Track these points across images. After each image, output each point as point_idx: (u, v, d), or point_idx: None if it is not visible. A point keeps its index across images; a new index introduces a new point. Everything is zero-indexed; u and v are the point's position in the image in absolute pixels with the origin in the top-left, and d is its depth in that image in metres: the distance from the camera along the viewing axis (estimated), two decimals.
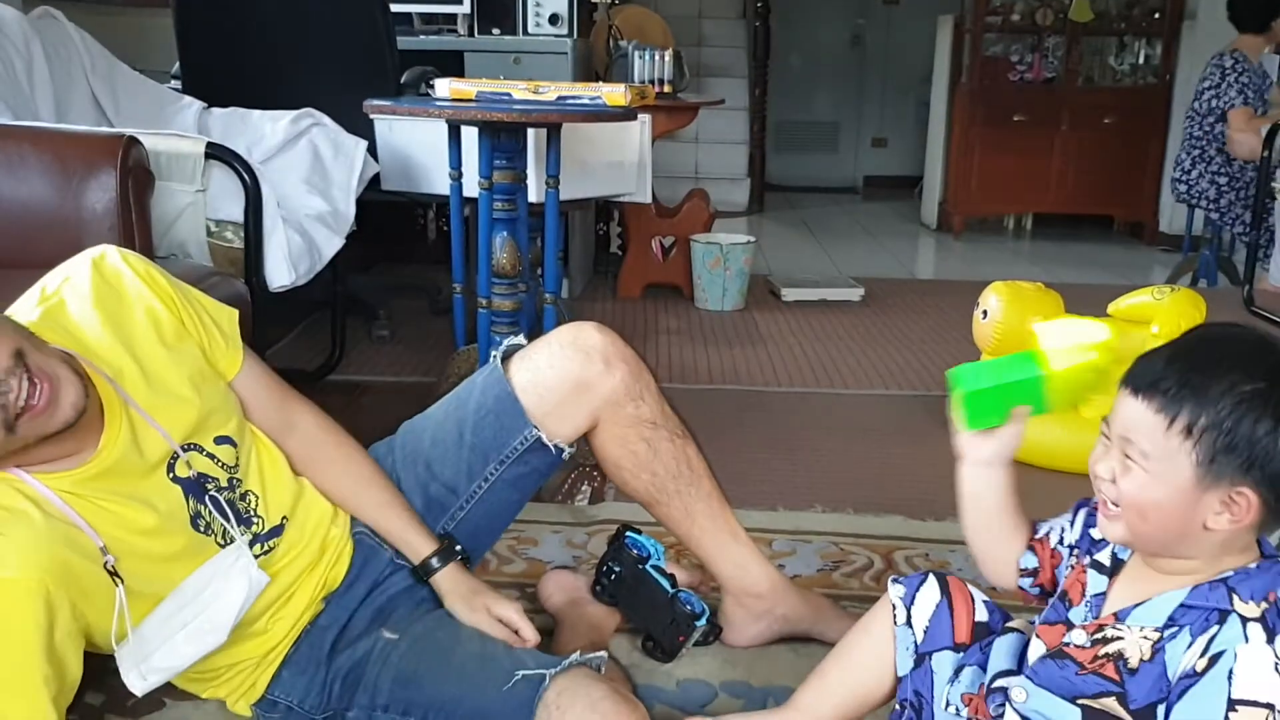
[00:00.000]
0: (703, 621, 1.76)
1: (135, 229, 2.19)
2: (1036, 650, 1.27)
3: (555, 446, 1.68)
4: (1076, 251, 6.02)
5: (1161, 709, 1.13)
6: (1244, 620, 1.10)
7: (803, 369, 3.57)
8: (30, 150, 2.20)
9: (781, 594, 1.81)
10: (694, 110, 4.36)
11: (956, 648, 1.36)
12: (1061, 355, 1.30)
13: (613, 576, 1.80)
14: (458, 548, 1.65)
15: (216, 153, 2.46)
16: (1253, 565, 1.14)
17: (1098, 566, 1.26)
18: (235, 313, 1.57)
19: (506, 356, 1.72)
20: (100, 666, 1.37)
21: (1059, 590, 1.30)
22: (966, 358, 3.34)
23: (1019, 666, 1.29)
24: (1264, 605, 1.11)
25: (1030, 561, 1.36)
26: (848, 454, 2.80)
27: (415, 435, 1.74)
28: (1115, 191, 6.33)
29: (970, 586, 1.40)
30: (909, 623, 1.39)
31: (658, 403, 1.74)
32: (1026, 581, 1.36)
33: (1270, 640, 1.09)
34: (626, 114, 2.56)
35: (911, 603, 1.39)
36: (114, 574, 1.32)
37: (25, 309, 1.39)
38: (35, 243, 2.15)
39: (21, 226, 2.20)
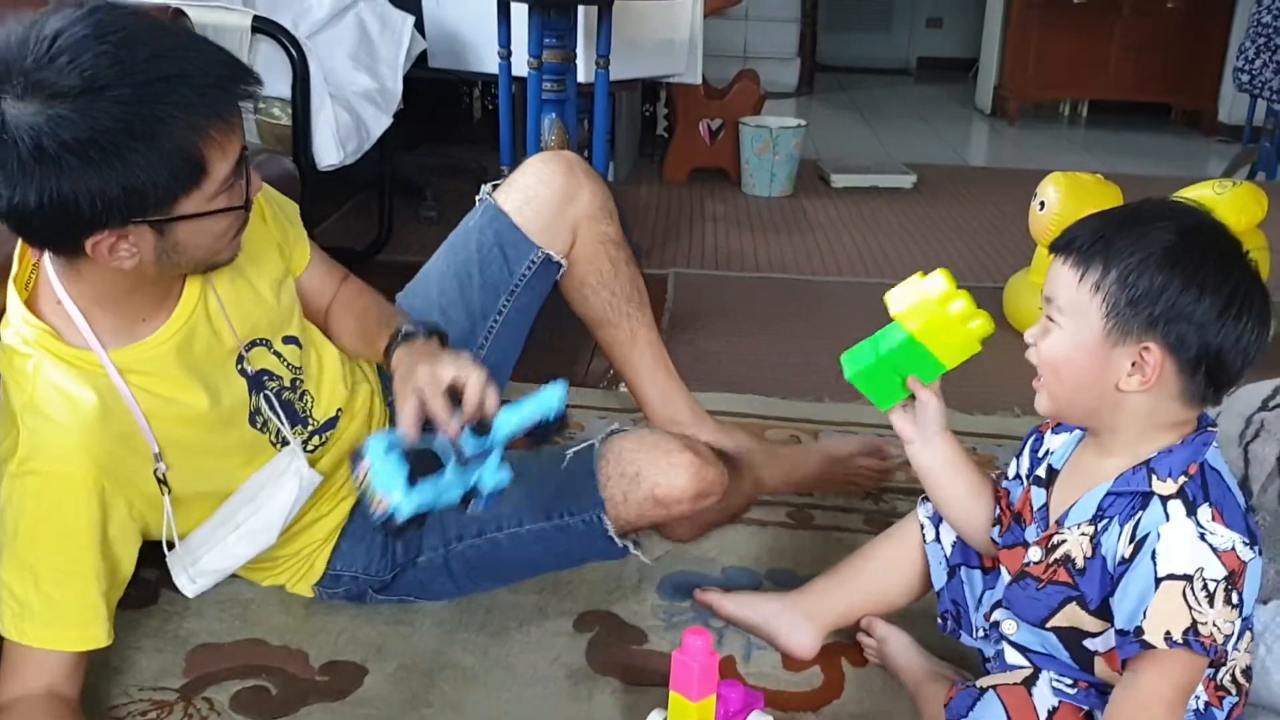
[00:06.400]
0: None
1: None
2: (1005, 578, 1.28)
3: (560, 261, 1.77)
4: (1132, 140, 5.88)
5: (1112, 601, 1.14)
6: (1163, 500, 1.11)
7: (852, 258, 3.53)
8: None
9: (700, 423, 1.92)
10: None
11: (984, 569, 1.38)
12: (912, 313, 1.27)
13: None
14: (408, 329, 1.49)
15: (263, 26, 2.42)
16: (1177, 442, 1.14)
17: (1037, 481, 1.27)
18: (296, 206, 1.59)
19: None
20: (156, 543, 1.40)
21: (1013, 511, 1.30)
22: (1019, 250, 3.31)
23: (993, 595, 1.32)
24: (1181, 479, 1.11)
25: (994, 512, 1.35)
26: None
27: (421, 294, 1.77)
28: (1175, 79, 6.14)
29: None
30: (938, 539, 1.43)
31: (618, 225, 1.84)
32: (994, 531, 1.34)
33: (1191, 513, 1.10)
34: None
35: (939, 521, 1.43)
36: (163, 482, 1.33)
37: None
38: None
39: None
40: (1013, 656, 1.27)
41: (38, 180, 1.10)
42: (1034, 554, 1.23)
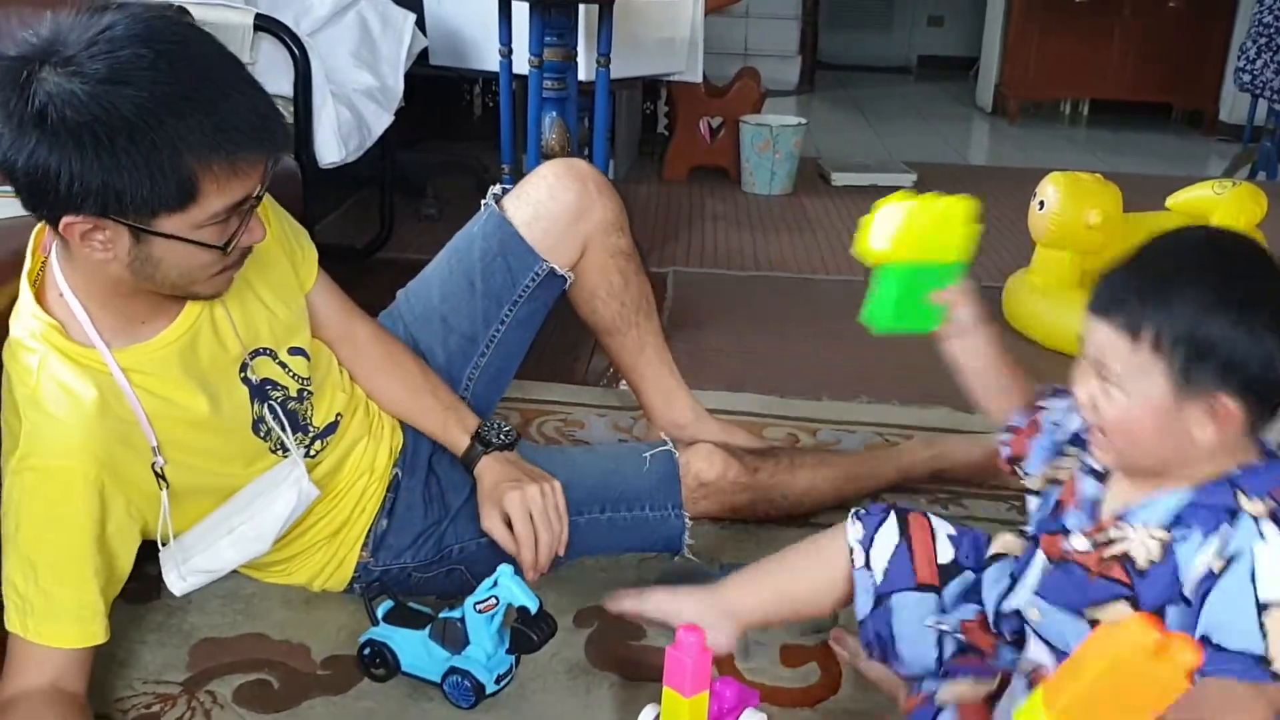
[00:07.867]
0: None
1: None
2: (1040, 563, 1.23)
3: (565, 275, 1.77)
4: (1133, 140, 5.88)
5: (1171, 610, 1.11)
6: (1255, 519, 1.07)
7: (851, 257, 3.51)
8: None
9: (701, 424, 1.97)
10: None
11: (919, 588, 1.32)
12: (898, 242, 1.35)
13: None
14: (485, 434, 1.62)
15: (265, 24, 2.43)
16: (1258, 463, 1.11)
17: (1093, 474, 1.22)
18: (304, 230, 1.60)
19: (497, 201, 1.78)
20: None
21: (1054, 500, 1.25)
22: (1019, 250, 3.33)
23: (1012, 584, 1.25)
24: (1270, 503, 1.08)
25: (1019, 419, 1.32)
26: (895, 345, 2.74)
27: (422, 297, 1.77)
28: (1176, 78, 6.15)
29: (935, 521, 1.34)
30: (868, 565, 1.34)
31: (630, 237, 1.85)
32: (1005, 436, 1.32)
33: None
34: None
35: (870, 545, 1.35)
36: (160, 476, 1.34)
37: None
38: None
39: None
40: (1035, 651, 1.22)
41: (31, 144, 1.13)
42: (1078, 542, 1.18)
